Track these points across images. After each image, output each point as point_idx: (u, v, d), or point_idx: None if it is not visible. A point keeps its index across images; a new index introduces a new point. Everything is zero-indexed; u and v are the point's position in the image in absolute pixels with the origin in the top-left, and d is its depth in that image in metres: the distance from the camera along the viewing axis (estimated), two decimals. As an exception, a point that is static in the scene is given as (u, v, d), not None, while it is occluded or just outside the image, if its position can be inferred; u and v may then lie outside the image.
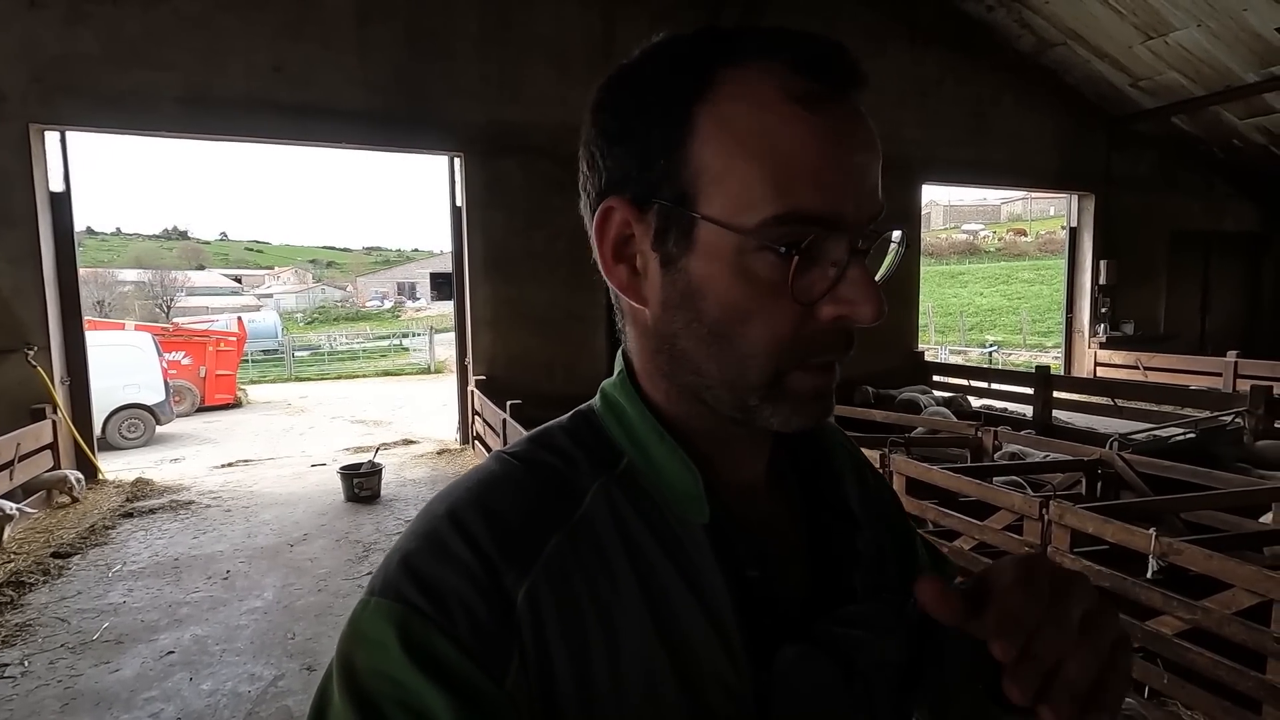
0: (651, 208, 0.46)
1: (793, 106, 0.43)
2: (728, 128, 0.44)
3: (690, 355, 0.48)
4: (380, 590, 0.43)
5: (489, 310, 6.87)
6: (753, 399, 0.47)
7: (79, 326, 5.83)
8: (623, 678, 0.43)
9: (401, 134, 6.48)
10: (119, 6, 5.54)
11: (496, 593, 0.42)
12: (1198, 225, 10.69)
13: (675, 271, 0.47)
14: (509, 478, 0.48)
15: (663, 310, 0.48)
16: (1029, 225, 42.72)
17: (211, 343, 12.34)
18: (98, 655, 3.08)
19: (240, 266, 61.36)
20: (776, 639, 0.48)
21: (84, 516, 4.99)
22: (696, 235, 0.45)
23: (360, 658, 0.42)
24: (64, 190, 5.70)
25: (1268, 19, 7.19)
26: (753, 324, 0.45)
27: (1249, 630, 2.43)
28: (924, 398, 7.18)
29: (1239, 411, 5.20)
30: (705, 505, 0.48)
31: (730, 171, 0.44)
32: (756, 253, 0.44)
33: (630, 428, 0.52)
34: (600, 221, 0.49)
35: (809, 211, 0.43)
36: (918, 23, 8.46)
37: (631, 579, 0.46)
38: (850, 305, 0.44)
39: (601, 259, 0.49)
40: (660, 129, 0.45)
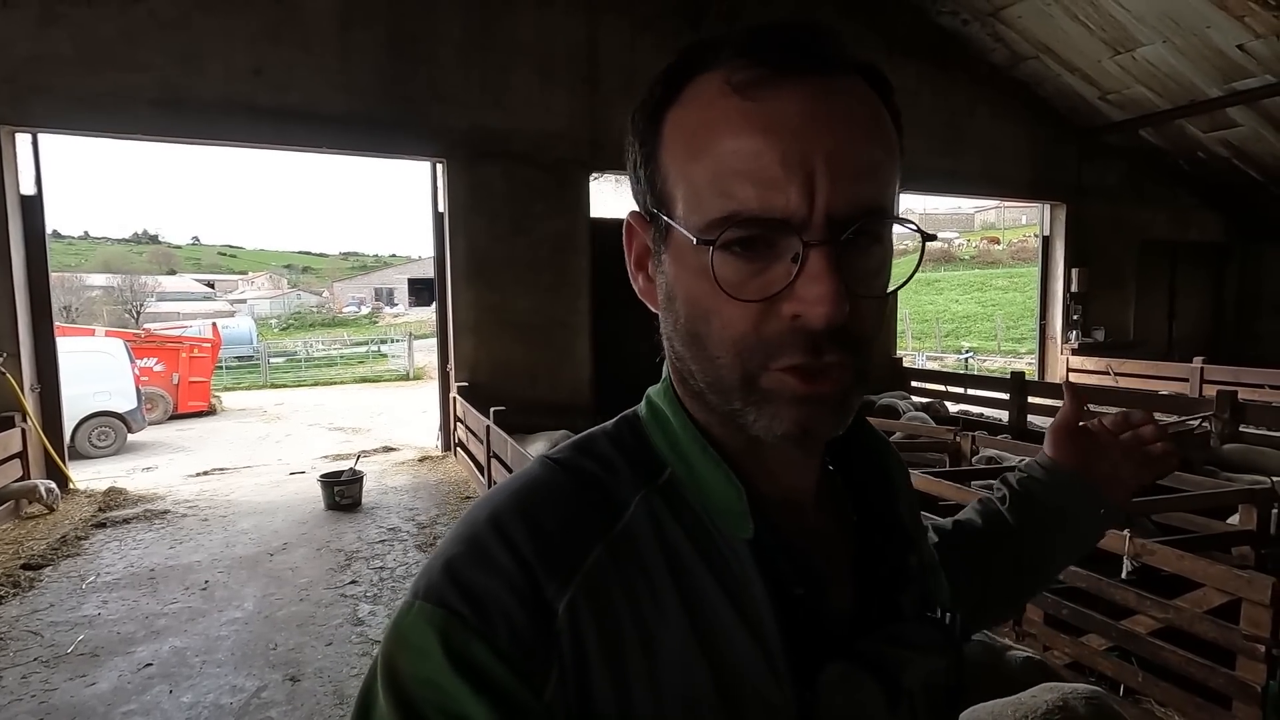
0: (652, 221, 0.49)
1: (731, 98, 0.42)
2: (681, 130, 0.45)
3: (681, 358, 0.49)
4: (424, 594, 0.43)
5: (471, 316, 6.84)
6: (735, 402, 0.46)
7: (49, 333, 5.70)
8: (662, 694, 0.43)
9: (383, 139, 6.45)
10: (93, 7, 5.45)
11: (537, 603, 0.42)
12: (1165, 235, 10.99)
13: (660, 276, 0.49)
14: (552, 484, 0.48)
15: (661, 316, 0.50)
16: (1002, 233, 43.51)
17: (185, 349, 12.11)
18: (72, 669, 3.01)
19: (213, 271, 60.33)
20: (821, 657, 0.47)
21: (54, 527, 4.87)
22: (671, 239, 0.46)
23: (404, 662, 0.42)
24: (35, 193, 5.58)
25: (1230, 36, 7.43)
26: (713, 323, 0.45)
27: (1219, 628, 2.50)
28: (902, 403, 7.28)
29: (1205, 416, 5.35)
30: (749, 520, 0.47)
31: (683, 175, 0.44)
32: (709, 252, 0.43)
33: (673, 438, 0.51)
34: (626, 235, 0.52)
35: (750, 212, 0.41)
36: (894, 35, 8.62)
37: (673, 594, 0.45)
38: (803, 304, 0.41)
39: (629, 268, 0.52)
40: (645, 141, 0.48)
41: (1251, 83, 8.03)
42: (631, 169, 0.50)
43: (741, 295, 0.43)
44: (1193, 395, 7.31)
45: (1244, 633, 2.45)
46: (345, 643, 3.25)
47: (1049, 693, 2.17)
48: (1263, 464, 4.66)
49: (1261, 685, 2.38)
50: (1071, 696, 2.15)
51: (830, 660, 0.47)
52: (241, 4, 5.88)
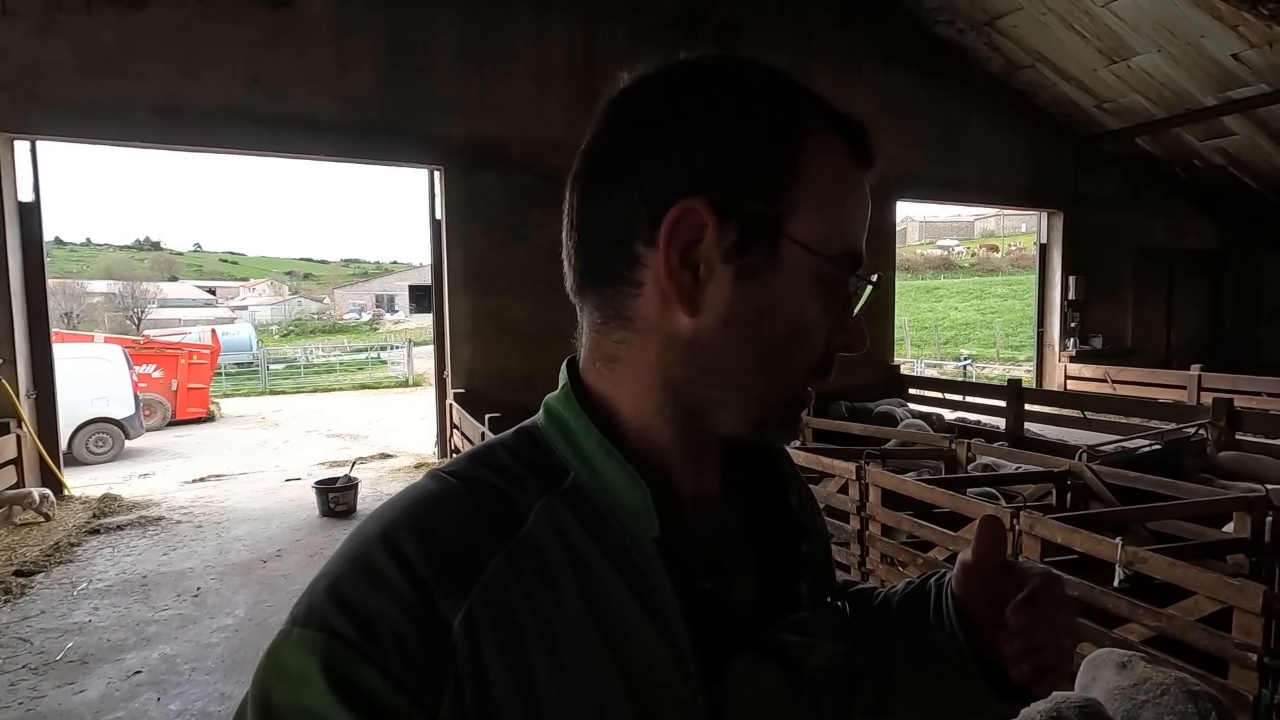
0: (731, 218, 0.46)
1: (856, 172, 0.51)
2: (824, 170, 0.48)
3: (734, 369, 0.48)
4: (303, 619, 0.41)
5: (468, 323, 6.85)
6: (776, 415, 0.51)
7: (46, 339, 5.71)
8: (570, 698, 0.42)
9: (381, 146, 6.47)
10: (93, 16, 5.49)
11: (431, 619, 0.40)
12: (1161, 242, 11.01)
13: (753, 285, 0.47)
14: (447, 496, 0.46)
15: (723, 324, 0.47)
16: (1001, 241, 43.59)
17: (184, 355, 12.13)
18: (61, 676, 3.00)
19: (215, 278, 60.42)
20: (728, 649, 0.48)
21: (48, 534, 4.87)
22: (781, 254, 0.47)
23: (279, 692, 0.39)
24: (33, 200, 5.61)
25: (1224, 46, 7.47)
26: (807, 344, 0.49)
27: (1211, 636, 2.49)
28: (900, 411, 7.28)
29: (1202, 424, 5.34)
30: (655, 519, 0.47)
31: (821, 206, 0.48)
32: (830, 281, 0.49)
33: (575, 442, 0.50)
34: (673, 221, 0.46)
35: (859, 253, 0.50)
36: (891, 44, 8.66)
37: (578, 597, 0.44)
38: (856, 337, 0.52)
39: (665, 260, 0.46)
40: (768, 146, 0.47)
41: (1246, 91, 8.06)
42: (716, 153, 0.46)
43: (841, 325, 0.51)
44: (1190, 402, 7.31)
45: (1236, 641, 2.44)
46: (336, 650, 3.24)
47: (1042, 702, 2.17)
48: (1258, 472, 4.64)
49: (1254, 694, 2.37)
50: (1065, 706, 2.14)
51: (736, 652, 0.48)
52: (240, 13, 5.92)
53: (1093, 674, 2.46)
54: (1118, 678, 2.36)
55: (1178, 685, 2.18)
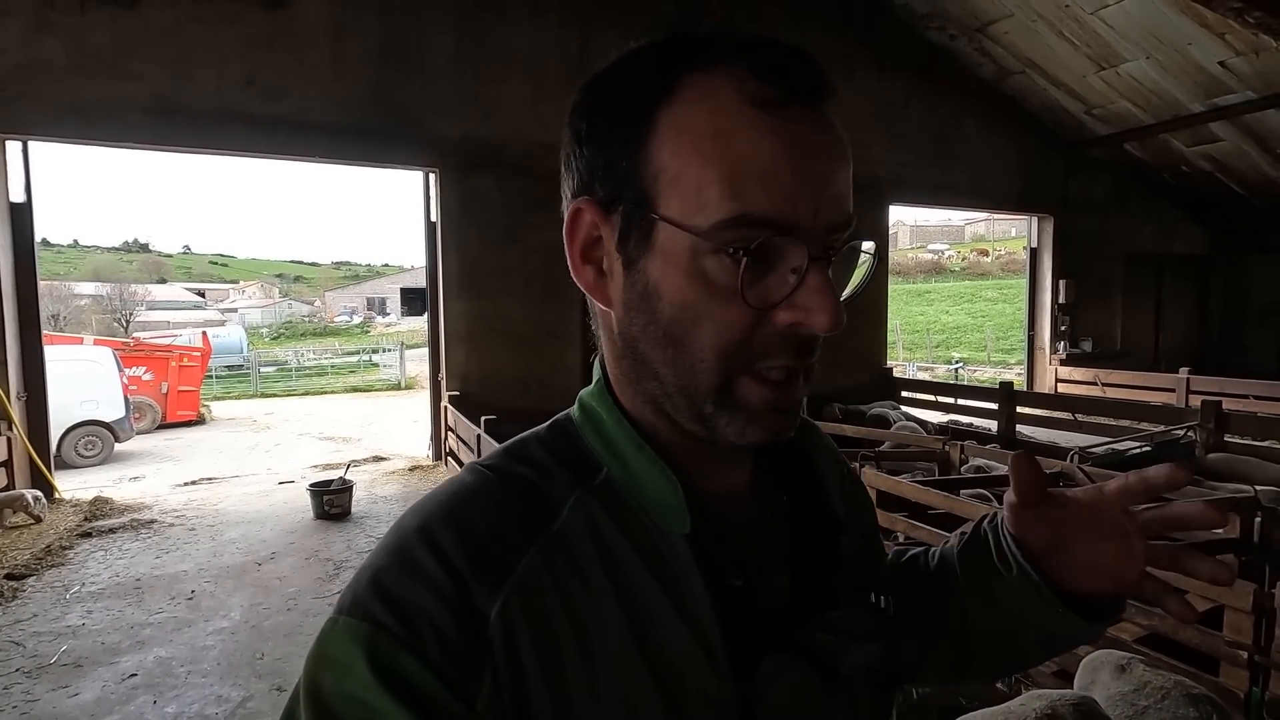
0: (617, 210, 0.46)
1: (748, 110, 0.43)
2: (685, 129, 0.44)
3: (649, 359, 0.48)
4: (349, 609, 0.42)
5: (463, 325, 6.84)
6: (706, 406, 0.46)
7: (37, 341, 5.67)
8: (601, 694, 0.42)
9: (376, 149, 6.47)
10: (86, 16, 5.46)
11: (468, 611, 0.41)
12: (1150, 247, 11.14)
13: (635, 272, 0.46)
14: (483, 491, 0.47)
15: (625, 312, 0.48)
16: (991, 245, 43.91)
17: (174, 358, 12.04)
18: (55, 679, 2.97)
19: (204, 280, 59.99)
20: (759, 647, 0.48)
21: (39, 537, 4.82)
22: (655, 236, 0.45)
23: (327, 680, 0.41)
24: (25, 201, 5.57)
25: (1211, 53, 7.58)
26: (703, 326, 0.45)
27: (1203, 635, 2.52)
28: (893, 413, 7.32)
29: (1191, 426, 5.40)
30: (686, 515, 0.47)
31: (686, 173, 0.44)
32: (709, 255, 0.43)
33: (608, 438, 0.51)
34: (570, 222, 0.49)
35: (761, 215, 0.42)
36: (883, 49, 8.74)
37: (610, 593, 0.45)
38: (806, 312, 0.44)
39: (570, 260, 0.49)
40: (624, 130, 0.46)
41: (1232, 98, 8.18)
42: (589, 153, 0.47)
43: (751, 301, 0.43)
44: (1179, 405, 7.39)
45: (1227, 640, 2.47)
46: (333, 653, 3.22)
47: (1037, 700, 2.18)
48: (1246, 473, 4.70)
49: (1245, 692, 2.40)
50: (1060, 704, 2.16)
51: (768, 651, 0.48)
52: (234, 14, 5.90)
53: (1091, 676, 2.49)
54: (1117, 682, 2.38)
55: (1178, 689, 2.21)
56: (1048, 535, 0.59)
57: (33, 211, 5.60)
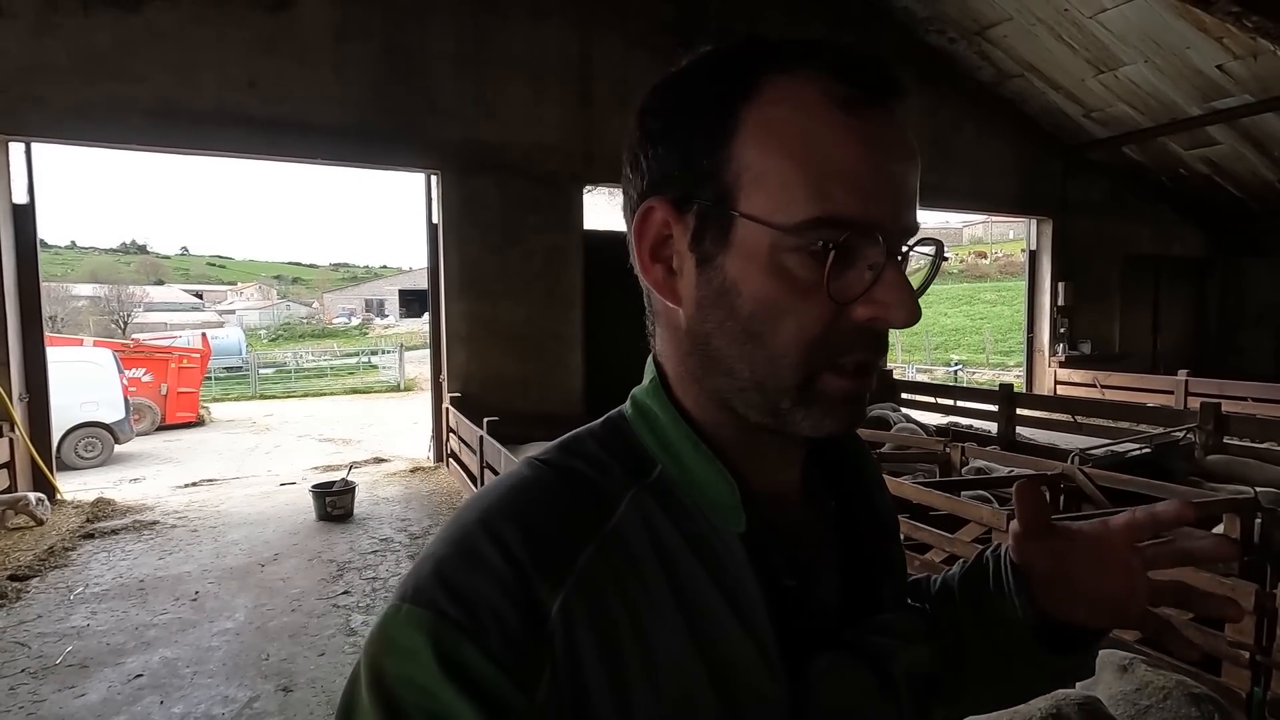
0: (691, 209, 0.47)
1: (834, 111, 0.44)
2: (771, 128, 0.45)
3: (723, 355, 0.48)
4: (412, 597, 0.42)
5: (464, 327, 6.86)
6: (785, 401, 0.47)
7: (39, 342, 5.67)
8: (659, 690, 0.43)
9: (378, 151, 6.48)
10: (89, 18, 5.47)
11: (530, 604, 0.41)
12: (1148, 250, 11.18)
13: (711, 269, 0.47)
14: (542, 485, 0.47)
15: (697, 309, 0.48)
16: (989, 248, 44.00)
17: (174, 359, 12.03)
18: (61, 680, 2.98)
19: (202, 282, 59.85)
20: (811, 647, 0.48)
21: (41, 538, 4.82)
22: (734, 233, 0.46)
23: (390, 665, 0.41)
24: (27, 202, 5.58)
25: (1209, 57, 7.62)
26: (785, 322, 0.45)
27: (1204, 635, 2.54)
28: (893, 415, 7.34)
29: (1190, 427, 5.43)
30: (741, 514, 0.48)
31: (772, 171, 0.44)
32: (792, 251, 0.44)
33: (663, 435, 0.51)
34: (640, 221, 0.49)
35: (846, 215, 0.43)
36: (883, 52, 8.62)
37: (666, 590, 0.45)
38: (884, 307, 0.45)
39: (639, 258, 0.50)
40: (704, 129, 0.46)
41: (1230, 102, 8.22)
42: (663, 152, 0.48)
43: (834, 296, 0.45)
44: (1178, 407, 7.41)
45: (1229, 640, 2.49)
46: (338, 653, 3.24)
47: (1042, 700, 2.20)
48: (1246, 475, 4.72)
49: (1246, 692, 2.41)
50: (1064, 704, 2.17)
51: (821, 651, 0.48)
52: (237, 16, 5.92)
53: (1093, 676, 2.50)
54: (1119, 682, 2.40)
55: (1179, 688, 2.22)
56: (1051, 567, 0.59)
57: (35, 213, 5.61)
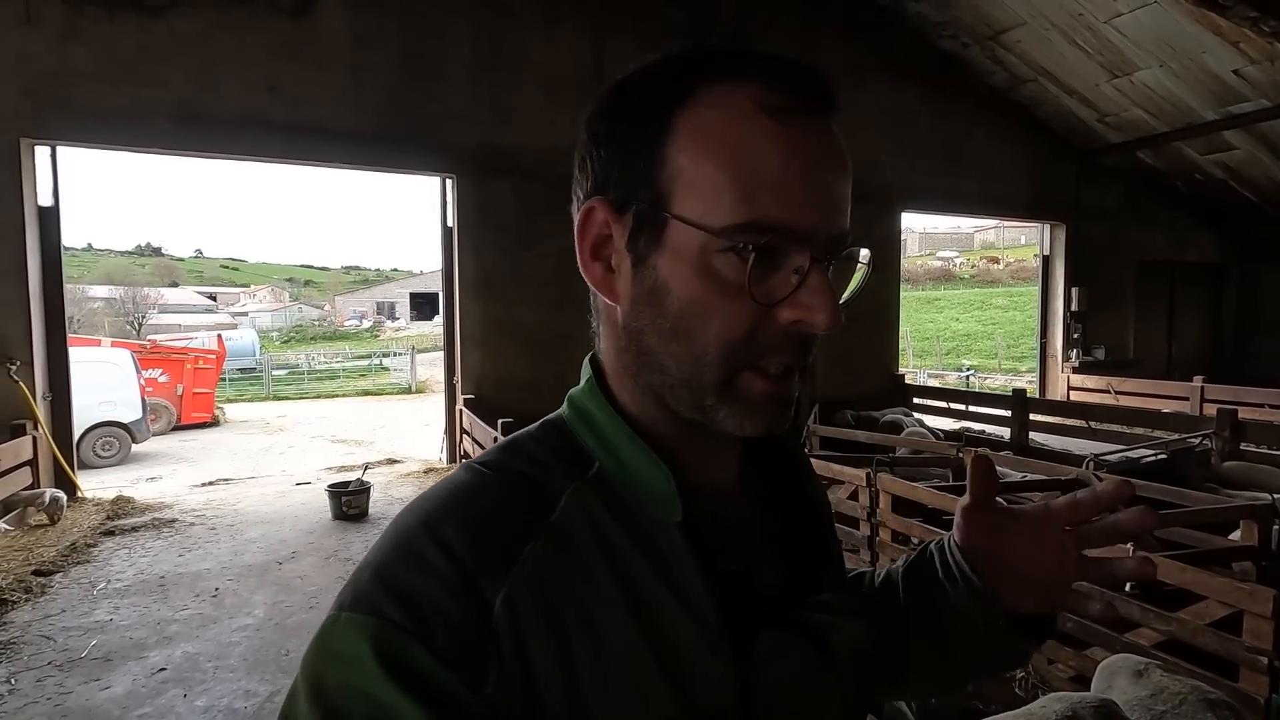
0: (629, 210, 0.49)
1: (764, 119, 0.46)
2: (702, 134, 0.46)
3: (654, 352, 0.49)
4: (351, 605, 0.43)
5: (478, 329, 6.91)
6: (709, 398, 0.49)
7: (62, 342, 5.76)
8: (607, 676, 0.44)
9: (394, 155, 6.55)
10: (115, 24, 5.57)
11: (474, 600, 0.42)
12: (1162, 255, 11.11)
13: (645, 269, 0.48)
14: (482, 486, 0.49)
15: (632, 307, 0.50)
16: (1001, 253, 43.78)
17: (190, 360, 12.18)
18: (86, 673, 3.04)
19: (215, 284, 60.45)
20: (753, 627, 0.49)
21: (63, 534, 4.90)
22: (667, 234, 0.47)
23: (331, 674, 0.41)
24: (52, 205, 5.68)
25: (1225, 62, 7.58)
26: (710, 321, 0.47)
27: (1221, 640, 2.53)
28: (906, 420, 7.33)
29: (1206, 434, 5.39)
30: (678, 504, 0.49)
31: (702, 176, 0.46)
32: (720, 253, 0.46)
33: (600, 432, 0.52)
34: (582, 221, 0.51)
35: (772, 220, 0.45)
36: (896, 58, 8.78)
37: (610, 580, 0.46)
38: (807, 310, 0.46)
39: (580, 256, 0.52)
40: (642, 134, 0.48)
41: (1247, 107, 8.17)
42: (606, 155, 0.50)
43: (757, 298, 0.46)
44: (1193, 414, 7.36)
45: (1246, 645, 2.48)
46: (356, 650, 3.27)
47: (1058, 702, 2.20)
48: (1263, 481, 4.69)
49: (1265, 698, 2.41)
50: (1080, 706, 2.18)
51: (763, 629, 0.50)
52: (258, 23, 6.01)
53: (1108, 681, 2.50)
54: (1134, 687, 2.40)
55: (1194, 694, 2.22)
56: (992, 547, 0.60)
57: (60, 216, 5.71)
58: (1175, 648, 2.66)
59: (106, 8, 5.53)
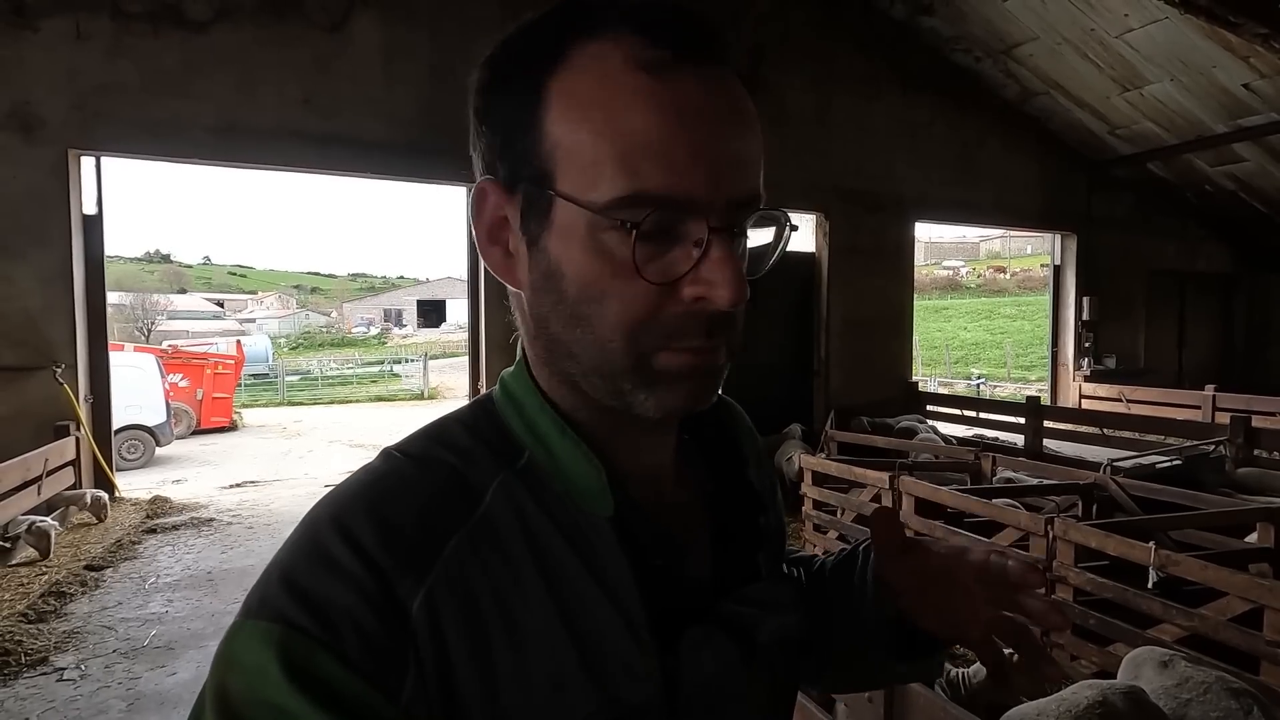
0: (518, 190, 0.45)
1: (637, 75, 0.41)
2: (576, 101, 0.42)
3: (560, 339, 0.47)
4: (256, 611, 0.40)
5: (503, 335, 7.06)
6: (625, 384, 0.45)
7: (104, 347, 5.94)
8: (529, 677, 0.42)
9: (423, 164, 6.73)
10: (159, 39, 5.77)
11: (389, 604, 0.40)
12: (1173, 265, 11.20)
13: (539, 252, 0.45)
14: (401, 477, 0.46)
15: (533, 293, 0.47)
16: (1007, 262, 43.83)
17: (210, 365, 12.37)
18: (152, 660, 3.17)
19: (223, 290, 60.86)
20: (682, 623, 0.48)
21: (108, 532, 5.05)
22: (554, 214, 0.44)
23: (235, 685, 0.38)
24: (96, 213, 5.86)
25: (1235, 76, 7.72)
26: (608, 304, 0.43)
27: (1243, 635, 2.64)
28: (921, 427, 7.44)
29: (1220, 440, 5.49)
30: (610, 498, 0.47)
31: (579, 147, 0.42)
32: (609, 231, 0.42)
33: (530, 421, 0.50)
34: (476, 203, 0.48)
35: (655, 192, 0.41)
36: (910, 71, 8.94)
37: (536, 576, 0.44)
38: (709, 286, 0.42)
39: (478, 241, 0.48)
40: (518, 105, 0.44)
41: (1257, 120, 8.29)
42: (489, 131, 0.47)
43: (645, 276, 0.42)
44: (1206, 421, 7.44)
45: (1267, 639, 2.59)
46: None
47: (1089, 689, 2.31)
48: (1277, 487, 4.79)
49: (1285, 689, 2.51)
50: (1110, 692, 2.29)
51: (690, 625, 0.49)
52: (294, 38, 6.20)
53: (1134, 671, 2.61)
54: (1160, 677, 2.51)
55: (1219, 683, 2.33)
56: (905, 577, 0.61)
57: (103, 224, 5.89)
58: (1196, 643, 2.75)
59: (151, 24, 5.73)
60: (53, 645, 3.27)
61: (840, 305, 8.50)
